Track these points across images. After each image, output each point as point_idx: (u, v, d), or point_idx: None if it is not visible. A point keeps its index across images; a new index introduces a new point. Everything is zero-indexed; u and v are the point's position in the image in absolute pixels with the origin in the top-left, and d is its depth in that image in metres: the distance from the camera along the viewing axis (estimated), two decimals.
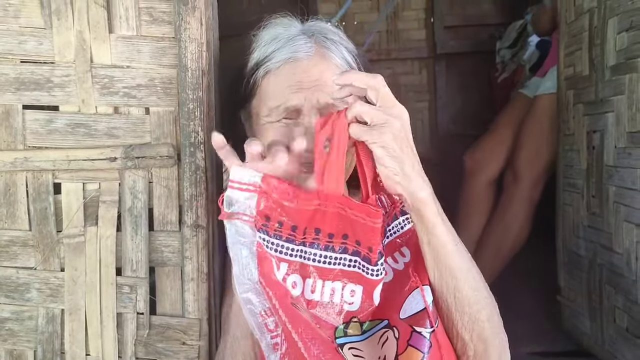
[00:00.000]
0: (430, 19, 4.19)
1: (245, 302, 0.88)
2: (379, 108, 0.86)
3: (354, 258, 0.89)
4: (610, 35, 1.83)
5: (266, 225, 0.87)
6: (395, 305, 0.91)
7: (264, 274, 0.86)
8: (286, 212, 0.88)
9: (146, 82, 1.10)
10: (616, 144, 1.82)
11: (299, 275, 0.88)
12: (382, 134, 0.84)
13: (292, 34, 1.11)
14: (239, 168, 0.87)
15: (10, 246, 1.12)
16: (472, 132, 3.95)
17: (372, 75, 0.87)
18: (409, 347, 0.87)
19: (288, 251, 0.88)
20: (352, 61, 1.13)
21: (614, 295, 1.87)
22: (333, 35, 1.14)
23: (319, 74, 1.06)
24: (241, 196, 0.87)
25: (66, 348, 1.11)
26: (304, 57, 1.07)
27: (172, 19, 1.09)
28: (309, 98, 1.04)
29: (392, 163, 0.85)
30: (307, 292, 0.89)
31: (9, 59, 1.09)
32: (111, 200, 1.11)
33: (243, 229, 0.87)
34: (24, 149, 1.10)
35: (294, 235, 0.88)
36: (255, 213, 0.87)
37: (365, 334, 0.89)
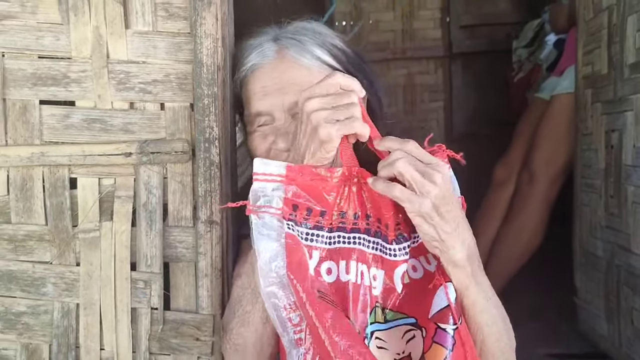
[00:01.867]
0: (446, 18, 4.17)
1: (268, 295, 0.87)
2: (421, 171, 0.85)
3: (376, 240, 0.91)
4: (630, 32, 1.80)
5: (294, 215, 0.88)
6: (424, 306, 0.90)
7: (293, 267, 0.85)
8: (315, 196, 0.88)
9: (162, 77, 1.10)
10: (635, 143, 1.79)
11: (331, 261, 0.89)
12: (422, 205, 0.83)
13: (258, 42, 1.15)
14: (263, 160, 0.89)
15: (26, 240, 1.13)
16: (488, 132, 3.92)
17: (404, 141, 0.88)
18: (434, 344, 0.86)
19: (318, 238, 0.89)
20: (325, 55, 1.12)
21: (631, 296, 1.84)
22: (304, 33, 1.14)
23: (279, 76, 1.09)
24: (268, 187, 0.88)
25: (81, 342, 1.12)
26: (265, 63, 1.11)
27: (187, 14, 1.09)
28: (275, 103, 1.08)
29: (430, 230, 0.86)
30: (342, 275, 0.89)
31: (27, 54, 1.10)
32: (126, 195, 1.11)
33: (271, 221, 0.87)
34: (41, 144, 1.11)
35: (322, 221, 0.89)
36: (282, 205, 0.87)
37: (389, 324, 0.89)
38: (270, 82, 1.09)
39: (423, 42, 4.22)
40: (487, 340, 0.93)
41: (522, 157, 2.67)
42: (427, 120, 4.26)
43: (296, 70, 1.09)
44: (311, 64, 1.10)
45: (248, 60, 1.13)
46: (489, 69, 4.03)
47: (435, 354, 0.85)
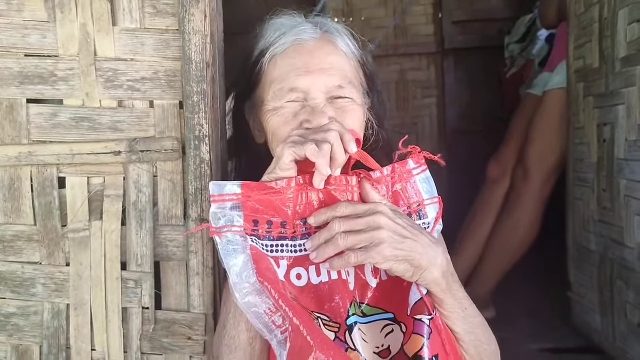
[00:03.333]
0: (439, 14, 4.16)
1: (247, 307, 0.88)
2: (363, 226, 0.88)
3: None
4: (621, 26, 1.80)
5: (256, 230, 0.90)
6: (400, 302, 0.93)
7: (263, 272, 0.87)
8: (273, 209, 0.91)
9: (150, 75, 1.09)
10: (627, 137, 1.79)
11: (301, 267, 0.92)
12: (382, 253, 0.87)
13: (297, 22, 1.11)
14: (216, 182, 0.91)
15: (15, 241, 1.11)
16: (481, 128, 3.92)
17: (332, 209, 0.91)
18: (413, 335, 0.89)
19: (283, 248, 0.92)
20: (356, 52, 1.12)
21: (625, 290, 1.84)
22: (337, 26, 1.14)
23: (325, 56, 1.06)
24: (227, 207, 0.90)
25: (72, 343, 1.11)
26: (309, 40, 1.07)
27: (175, 11, 1.08)
28: (315, 82, 1.04)
29: (403, 266, 0.89)
30: (313, 278, 0.92)
31: (13, 52, 1.09)
32: (116, 194, 1.10)
33: (235, 238, 0.89)
34: (29, 143, 1.10)
35: (285, 231, 0.92)
36: (243, 222, 0.90)
37: (367, 318, 0.92)
38: (313, 61, 1.05)
39: (415, 39, 4.21)
40: (465, 348, 0.96)
41: (516, 153, 2.67)
42: (420, 117, 4.25)
43: (339, 56, 1.08)
44: (350, 54, 1.10)
45: (289, 36, 1.08)
46: (482, 65, 4.03)
47: (414, 344, 0.88)
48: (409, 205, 1.01)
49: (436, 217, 1.02)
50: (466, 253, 2.66)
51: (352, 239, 0.87)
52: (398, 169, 1.00)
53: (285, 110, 1.04)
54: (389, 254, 0.86)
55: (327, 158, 0.89)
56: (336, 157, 0.90)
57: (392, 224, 0.88)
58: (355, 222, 0.88)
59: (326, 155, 0.89)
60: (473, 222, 2.74)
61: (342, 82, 1.05)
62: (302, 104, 1.04)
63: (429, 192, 1.02)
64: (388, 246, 0.86)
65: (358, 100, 1.07)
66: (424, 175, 1.02)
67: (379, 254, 0.86)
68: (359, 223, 0.88)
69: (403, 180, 1.01)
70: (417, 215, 1.01)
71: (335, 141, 0.90)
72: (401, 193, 1.00)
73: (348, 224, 0.89)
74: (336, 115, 1.03)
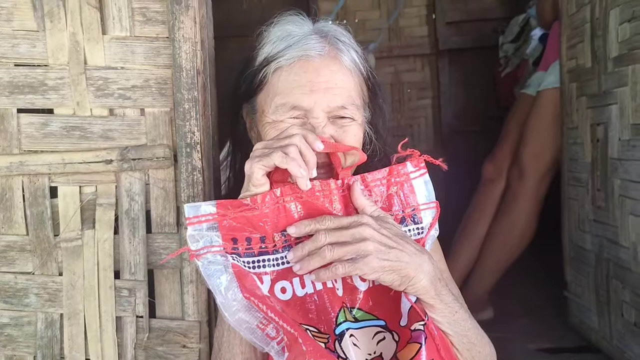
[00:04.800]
0: (432, 15, 4.17)
1: (239, 324, 0.88)
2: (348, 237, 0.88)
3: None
4: (612, 26, 1.81)
5: (236, 248, 0.90)
6: (392, 310, 0.93)
7: (247, 288, 0.86)
8: (250, 225, 0.91)
9: (141, 83, 1.09)
10: (620, 137, 1.80)
11: (285, 280, 0.91)
12: (369, 265, 0.86)
13: (305, 32, 1.08)
14: (191, 204, 0.91)
15: (7, 251, 1.11)
16: (476, 128, 3.93)
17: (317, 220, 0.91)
18: (408, 344, 0.88)
19: (265, 263, 0.91)
20: (360, 63, 1.10)
21: (621, 289, 1.84)
22: (344, 37, 1.12)
23: (330, 74, 1.04)
24: (203, 228, 0.89)
25: (66, 353, 1.10)
26: (316, 56, 1.04)
27: (165, 18, 1.08)
28: (319, 102, 1.02)
29: (391, 276, 0.88)
30: (298, 291, 0.91)
31: (3, 62, 1.09)
32: (108, 203, 1.10)
33: (215, 258, 0.88)
34: (20, 152, 1.09)
35: (265, 246, 0.91)
36: (221, 241, 0.89)
37: (359, 323, 0.91)
38: (318, 79, 1.03)
39: (409, 40, 4.22)
40: (459, 351, 0.96)
41: (511, 153, 2.67)
42: (416, 118, 4.26)
43: (344, 75, 1.06)
44: (355, 71, 1.08)
45: (296, 49, 1.05)
46: (476, 65, 4.04)
47: (410, 350, 0.87)
48: (404, 210, 1.00)
49: (431, 223, 1.02)
50: (463, 253, 2.66)
51: (339, 250, 0.87)
52: (395, 171, 1.00)
53: (285, 125, 1.03)
54: (376, 265, 0.86)
55: (298, 160, 0.89)
56: (306, 158, 0.90)
57: (377, 234, 0.88)
58: (341, 234, 0.88)
59: (296, 158, 0.89)
60: (469, 222, 2.74)
61: (345, 103, 1.04)
62: (303, 120, 1.04)
63: (426, 196, 1.02)
64: (374, 257, 0.86)
65: (359, 120, 1.07)
66: (422, 179, 1.02)
67: (366, 265, 0.86)
68: (344, 235, 0.88)
69: (400, 183, 1.00)
70: (411, 219, 1.00)
71: (300, 142, 0.91)
72: (396, 196, 1.00)
73: (334, 235, 0.88)
74: (336, 135, 1.03)
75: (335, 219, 0.91)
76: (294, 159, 0.89)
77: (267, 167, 0.90)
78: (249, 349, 0.95)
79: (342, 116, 1.04)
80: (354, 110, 1.05)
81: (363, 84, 1.11)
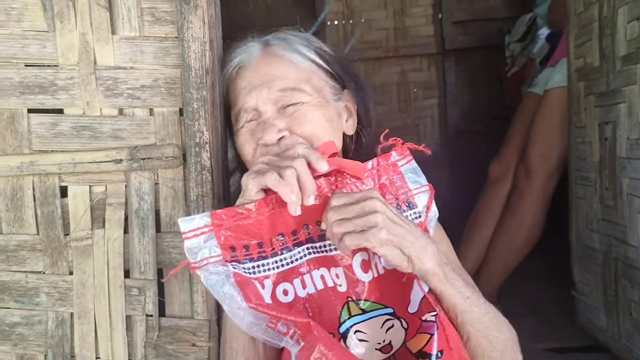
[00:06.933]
0: (438, 15, 4.16)
1: (250, 327, 0.88)
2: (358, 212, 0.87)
3: (320, 243, 0.94)
4: (621, 24, 1.80)
5: (235, 255, 0.91)
6: (400, 297, 0.92)
7: (251, 297, 0.86)
8: (247, 233, 0.92)
9: (150, 82, 1.10)
10: (629, 135, 1.79)
11: (286, 282, 0.92)
12: (378, 236, 0.85)
13: (244, 43, 1.14)
14: (184, 218, 0.91)
15: (18, 251, 1.12)
16: (483, 128, 3.92)
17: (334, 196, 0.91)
18: (418, 333, 0.88)
19: (265, 267, 0.92)
20: (312, 55, 1.12)
21: (629, 288, 1.84)
22: (292, 35, 1.15)
23: (266, 69, 1.08)
24: (201, 240, 0.90)
25: (76, 351, 1.11)
26: (251, 60, 1.10)
27: (174, 18, 1.08)
28: (259, 96, 1.06)
29: (395, 252, 0.87)
30: (299, 292, 0.92)
31: (13, 63, 1.09)
32: (118, 202, 1.11)
33: (216, 268, 0.89)
34: (30, 152, 1.10)
35: (263, 250, 0.92)
36: (220, 250, 0.90)
37: (367, 314, 0.91)
38: (255, 77, 1.08)
39: (416, 40, 4.21)
40: (473, 338, 0.94)
41: (518, 152, 2.66)
42: (422, 118, 4.25)
43: (281, 66, 1.08)
44: (297, 59, 1.10)
45: (234, 59, 1.12)
46: (483, 65, 4.03)
47: (420, 340, 0.87)
48: (397, 197, 1.00)
49: (427, 205, 1.01)
50: (470, 253, 2.66)
51: (348, 224, 0.86)
52: (382, 162, 1.01)
53: (244, 129, 1.08)
54: (384, 237, 0.85)
55: (292, 185, 0.88)
56: (303, 184, 0.90)
57: (385, 208, 0.88)
58: (350, 209, 0.88)
59: (290, 183, 0.88)
60: (476, 222, 2.74)
61: (284, 90, 1.05)
62: (258, 121, 1.07)
63: (416, 182, 1.02)
64: (383, 229, 0.85)
65: (311, 101, 1.07)
66: (409, 166, 1.02)
67: (374, 236, 0.85)
68: (353, 209, 0.88)
69: (388, 172, 1.01)
70: (406, 205, 1.00)
71: (301, 167, 0.90)
72: (388, 185, 1.00)
73: (341, 211, 0.88)
74: (289, 125, 1.04)
75: (343, 196, 0.90)
76: (288, 184, 0.88)
77: (260, 185, 0.91)
78: (252, 353, 0.95)
79: (289, 103, 1.05)
80: (298, 94, 1.06)
81: (319, 71, 1.12)
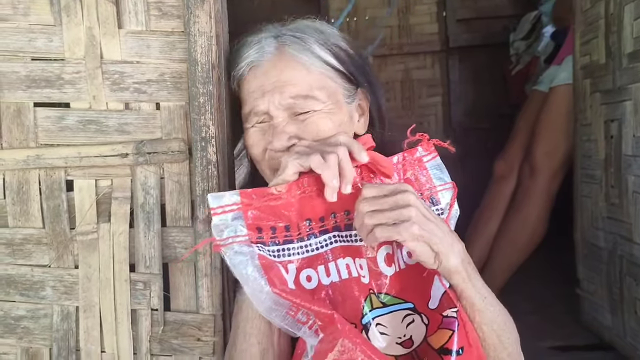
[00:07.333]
0: (443, 13, 4.16)
1: (268, 311, 0.87)
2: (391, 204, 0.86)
3: (347, 232, 0.93)
4: (627, 21, 1.79)
5: (261, 237, 0.90)
6: (420, 292, 0.92)
7: (275, 282, 0.86)
8: (274, 215, 0.91)
9: (156, 77, 1.09)
10: (635, 133, 1.78)
11: (310, 268, 0.91)
12: (409, 230, 0.84)
13: (258, 39, 1.10)
14: (214, 194, 0.90)
15: (24, 244, 1.12)
16: (487, 126, 3.91)
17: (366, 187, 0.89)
18: (439, 329, 0.88)
19: (290, 251, 0.91)
20: (327, 55, 1.08)
21: (634, 287, 1.83)
22: (307, 31, 1.11)
23: (278, 73, 1.05)
24: (228, 218, 0.89)
25: (81, 345, 1.11)
26: (263, 60, 1.07)
27: (181, 12, 1.08)
28: (271, 101, 1.04)
29: (424, 248, 0.86)
30: (323, 279, 0.91)
31: (20, 56, 1.09)
32: (123, 196, 1.11)
33: (241, 249, 0.88)
34: (36, 146, 1.10)
35: (290, 234, 0.91)
36: (247, 231, 0.89)
37: (388, 308, 0.91)
38: (267, 81, 1.05)
39: (420, 37, 4.21)
40: (487, 337, 0.94)
41: (522, 150, 2.66)
42: (426, 116, 4.25)
43: (295, 70, 1.05)
44: (311, 63, 1.06)
45: (246, 57, 1.09)
46: (487, 63, 4.02)
47: (441, 336, 0.87)
48: (421, 192, 1.00)
49: (450, 202, 1.01)
50: (473, 251, 2.65)
51: (380, 216, 0.85)
52: (407, 157, 1.01)
53: (254, 129, 1.08)
54: (416, 232, 0.84)
55: (333, 170, 0.88)
56: (344, 172, 0.89)
57: (418, 202, 0.87)
58: (383, 201, 0.86)
59: (332, 167, 0.88)
60: (480, 220, 2.73)
61: (295, 98, 1.03)
62: (269, 123, 1.06)
63: (440, 178, 1.02)
64: (415, 223, 0.84)
65: (323, 108, 1.05)
66: (434, 162, 1.02)
67: (406, 230, 0.84)
68: (387, 202, 0.86)
69: (414, 167, 1.01)
70: (429, 201, 1.00)
71: (343, 155, 0.89)
72: (413, 181, 1.00)
73: (374, 202, 0.87)
74: (299, 132, 1.03)
75: (375, 187, 0.89)
76: (330, 167, 0.88)
77: (302, 166, 0.90)
78: (266, 339, 0.95)
79: (300, 111, 1.04)
80: (311, 102, 1.04)
81: (332, 73, 1.09)
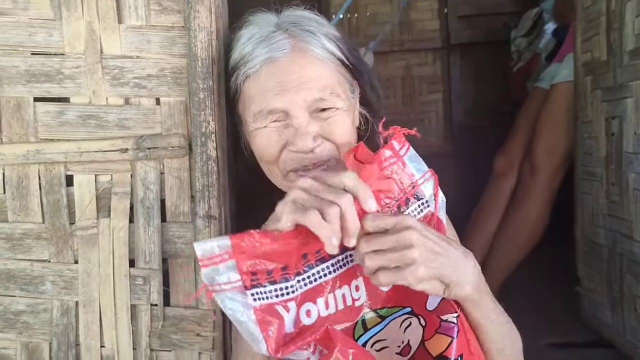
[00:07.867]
0: (444, 9, 4.14)
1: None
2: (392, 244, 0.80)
3: (342, 256, 0.88)
4: (629, 18, 1.79)
5: (256, 279, 0.82)
6: (416, 295, 0.88)
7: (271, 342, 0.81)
8: (269, 258, 0.82)
9: (156, 72, 1.09)
10: (636, 130, 1.78)
11: (309, 302, 0.86)
12: (415, 274, 0.79)
13: (267, 32, 1.04)
14: (201, 243, 0.79)
15: (24, 239, 1.12)
16: (487, 123, 3.91)
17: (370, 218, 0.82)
18: (437, 334, 0.86)
19: (289, 289, 0.84)
20: (334, 48, 1.05)
21: (634, 284, 1.83)
22: (310, 23, 1.07)
23: (300, 69, 1.00)
24: (220, 269, 0.80)
25: (81, 340, 1.11)
26: (281, 56, 1.01)
27: (181, 7, 1.08)
28: (293, 99, 0.99)
29: (435, 285, 0.82)
30: (322, 311, 0.86)
31: (20, 51, 1.09)
32: (123, 191, 1.10)
33: (235, 297, 0.81)
34: (36, 141, 1.10)
35: (287, 273, 0.84)
36: (239, 276, 0.81)
37: (386, 320, 0.89)
38: (288, 78, 0.99)
39: (421, 34, 4.19)
40: (490, 354, 0.93)
41: (523, 147, 2.66)
42: (426, 112, 4.24)
43: (316, 65, 1.01)
44: (327, 57, 1.03)
45: (259, 53, 1.02)
46: (488, 60, 4.01)
47: (439, 342, 0.84)
48: (405, 191, 0.94)
49: (434, 192, 0.96)
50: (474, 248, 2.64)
51: (381, 258, 0.79)
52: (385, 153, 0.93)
53: (268, 130, 1.02)
54: (423, 274, 0.79)
55: (334, 226, 0.78)
56: (347, 224, 0.79)
57: (423, 239, 0.80)
58: (383, 240, 0.80)
59: (333, 223, 0.78)
60: (480, 217, 2.73)
61: (322, 94, 1.00)
62: (285, 122, 1.01)
63: (419, 169, 0.95)
64: (421, 265, 0.79)
65: (344, 106, 1.03)
66: (410, 154, 0.95)
67: (412, 275, 0.79)
68: (387, 241, 0.80)
69: (392, 164, 0.94)
70: (414, 197, 0.94)
71: (347, 206, 0.79)
72: (395, 179, 0.93)
73: (375, 242, 0.80)
74: (322, 130, 1.00)
75: (376, 218, 0.81)
76: (330, 226, 0.78)
77: (297, 222, 0.80)
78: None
79: (324, 108, 1.01)
80: (335, 99, 1.01)
81: (341, 68, 1.07)
